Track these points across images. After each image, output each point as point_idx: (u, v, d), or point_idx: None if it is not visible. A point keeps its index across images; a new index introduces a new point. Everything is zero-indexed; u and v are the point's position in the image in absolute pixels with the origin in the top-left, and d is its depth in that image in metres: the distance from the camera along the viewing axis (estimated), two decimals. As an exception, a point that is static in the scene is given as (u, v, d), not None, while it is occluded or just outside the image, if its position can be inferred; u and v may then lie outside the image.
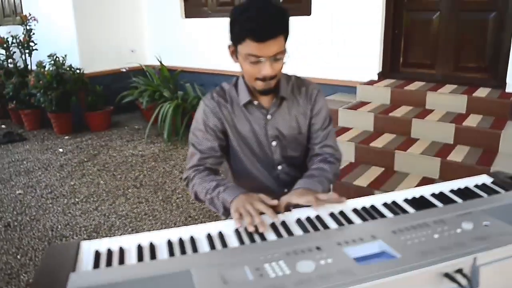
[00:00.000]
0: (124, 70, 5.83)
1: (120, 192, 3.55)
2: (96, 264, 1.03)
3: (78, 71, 5.28)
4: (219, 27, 5.24)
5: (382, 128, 3.60)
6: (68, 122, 5.33)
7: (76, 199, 3.43)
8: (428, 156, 3.08)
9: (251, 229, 1.15)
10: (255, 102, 1.56)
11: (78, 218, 3.12)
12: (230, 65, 1.66)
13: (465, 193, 1.39)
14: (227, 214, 1.39)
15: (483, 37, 3.77)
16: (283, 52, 1.44)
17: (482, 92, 3.59)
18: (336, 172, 1.61)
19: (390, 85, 3.97)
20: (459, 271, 0.97)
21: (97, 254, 1.06)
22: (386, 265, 0.95)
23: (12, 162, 4.35)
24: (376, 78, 4.24)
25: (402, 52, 4.23)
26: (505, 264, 1.02)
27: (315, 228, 1.18)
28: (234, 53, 1.47)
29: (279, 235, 1.15)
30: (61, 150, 4.70)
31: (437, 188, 1.43)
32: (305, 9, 4.57)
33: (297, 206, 1.32)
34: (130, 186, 3.66)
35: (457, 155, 3.07)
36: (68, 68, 5.22)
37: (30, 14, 5.56)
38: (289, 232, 1.16)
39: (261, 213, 1.22)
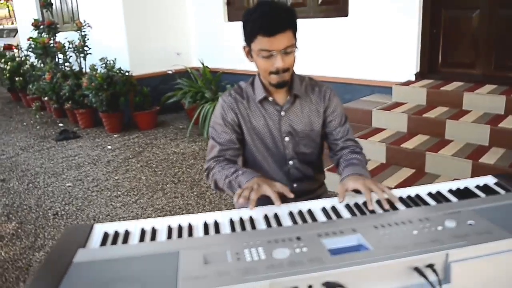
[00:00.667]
0: (170, 72, 6.09)
1: (159, 187, 3.76)
2: (103, 243, 1.18)
3: (127, 73, 5.60)
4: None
5: (416, 129, 3.57)
6: (118, 121, 5.66)
7: (118, 192, 3.68)
8: (460, 158, 3.04)
9: (235, 199, 1.28)
10: (270, 99, 1.66)
11: (118, 210, 3.36)
12: None
13: (463, 193, 1.41)
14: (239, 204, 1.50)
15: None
16: (293, 45, 1.53)
17: (522, 92, 3.48)
18: (366, 160, 1.70)
19: (427, 85, 3.92)
20: (430, 266, 1.03)
21: (106, 235, 1.22)
22: (356, 256, 1.02)
23: (65, 157, 4.71)
24: (413, 78, 4.20)
25: (441, 51, 4.15)
26: (478, 262, 1.05)
27: (304, 221, 1.27)
28: (249, 53, 1.59)
29: (268, 225, 1.25)
30: (109, 147, 5.01)
31: (436, 187, 1.47)
32: (343, 11, 4.60)
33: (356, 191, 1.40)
34: (169, 182, 3.86)
35: (490, 157, 3.01)
36: (118, 71, 5.54)
37: (85, 21, 5.95)
38: (279, 223, 1.26)
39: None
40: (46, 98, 6.47)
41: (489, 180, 1.51)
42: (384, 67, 4.34)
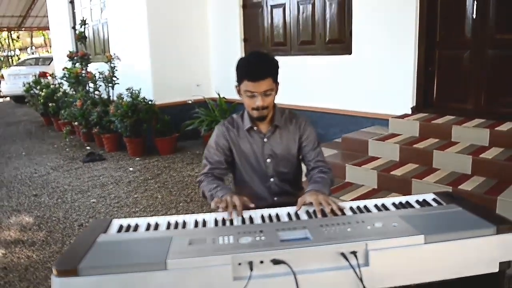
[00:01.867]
0: (189, 102, 6.60)
1: (173, 205, 4.18)
2: (119, 231, 1.59)
3: (150, 102, 6.12)
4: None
5: (407, 158, 3.90)
6: (140, 146, 6.15)
7: (136, 209, 4.10)
8: (441, 184, 3.34)
9: (212, 206, 1.71)
10: (255, 128, 2.08)
11: (135, 224, 3.78)
12: (280, 99, 2.18)
13: (403, 205, 1.77)
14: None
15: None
16: (272, 89, 1.96)
17: (506, 126, 3.78)
18: (332, 178, 2.09)
19: (420, 118, 4.26)
20: (353, 252, 1.39)
21: (121, 226, 1.63)
22: (298, 244, 1.40)
23: (91, 177, 5.19)
24: (410, 112, 4.55)
25: (436, 87, 4.51)
26: (391, 251, 1.41)
27: (271, 221, 1.65)
28: (238, 91, 2.01)
29: (243, 222, 1.64)
30: (131, 169, 5.48)
31: (382, 201, 1.82)
32: (347, 49, 5.02)
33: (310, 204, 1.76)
34: (182, 201, 4.27)
35: (469, 184, 3.31)
36: (142, 100, 6.07)
37: (114, 54, 6.55)
38: (252, 221, 1.65)
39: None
40: (76, 123, 7.05)
41: (429, 196, 1.86)
42: (383, 101, 4.71)
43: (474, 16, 4.11)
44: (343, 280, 1.37)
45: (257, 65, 1.91)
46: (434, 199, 1.82)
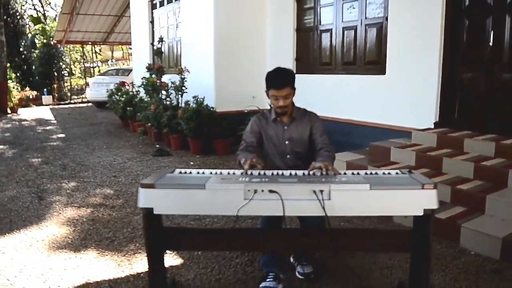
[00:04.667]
0: (245, 111, 7.52)
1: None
2: (179, 173, 2.49)
3: (211, 109, 7.15)
4: (319, 82, 6.67)
5: (421, 163, 4.54)
6: (200, 146, 7.16)
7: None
8: (444, 184, 3.96)
9: (247, 164, 2.50)
10: (278, 119, 2.93)
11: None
12: (324, 112, 3.02)
13: (372, 173, 2.52)
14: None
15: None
16: (290, 94, 2.81)
17: (510, 140, 4.32)
18: (334, 155, 2.83)
19: (439, 132, 4.88)
20: (321, 191, 2.18)
21: (180, 172, 2.53)
22: (287, 182, 2.22)
23: (158, 167, 6.25)
24: (432, 126, 5.17)
25: (457, 106, 5.10)
26: (346, 192, 2.19)
27: (277, 174, 2.48)
28: (267, 94, 2.87)
29: (259, 174, 2.48)
30: (192, 163, 6.49)
31: (369, 171, 2.55)
32: (382, 70, 5.74)
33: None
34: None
35: (467, 185, 3.90)
36: (205, 107, 7.11)
37: (185, 67, 7.69)
38: (264, 174, 2.48)
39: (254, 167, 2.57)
40: (149, 124, 8.24)
41: (393, 171, 2.59)
42: (411, 116, 5.36)
43: (491, 44, 4.70)
44: (313, 207, 2.16)
45: (280, 78, 2.79)
46: (396, 172, 2.55)
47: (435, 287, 2.80)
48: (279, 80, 2.78)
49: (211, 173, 2.51)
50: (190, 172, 2.53)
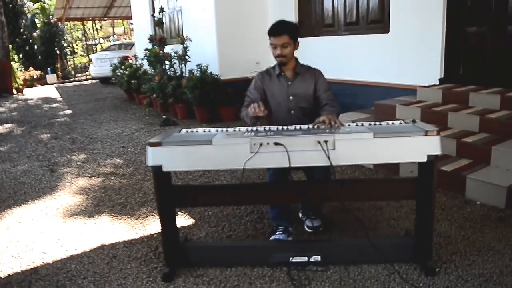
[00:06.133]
0: (250, 77, 7.50)
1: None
2: (186, 132, 2.54)
3: (216, 76, 7.15)
4: (323, 44, 6.61)
5: (427, 119, 4.52)
6: (206, 114, 7.20)
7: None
8: (449, 138, 3.98)
9: (252, 112, 2.54)
10: (283, 74, 2.93)
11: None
12: (328, 74, 3.02)
13: (375, 124, 2.55)
14: (252, 121, 2.77)
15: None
16: (288, 43, 2.81)
17: (517, 93, 4.30)
18: (338, 110, 2.85)
19: (444, 88, 4.86)
20: (325, 141, 2.22)
21: (187, 131, 2.57)
22: (292, 135, 2.26)
23: (166, 136, 6.31)
24: (437, 83, 5.14)
25: (462, 61, 5.05)
26: (350, 142, 2.22)
27: (282, 129, 2.51)
28: (269, 44, 2.87)
29: (264, 129, 2.51)
30: (198, 132, 6.53)
31: (373, 123, 2.58)
32: (385, 28, 5.68)
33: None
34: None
35: (473, 138, 3.91)
36: (209, 75, 7.11)
37: (187, 36, 7.64)
38: (269, 129, 2.51)
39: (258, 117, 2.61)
40: (154, 96, 8.26)
41: (397, 121, 2.61)
42: (415, 74, 5.33)
43: (497, -4, 4.62)
44: (318, 157, 2.21)
45: (277, 26, 2.80)
46: (399, 122, 2.58)
47: (442, 235, 2.86)
48: (277, 27, 2.80)
49: (217, 130, 2.54)
50: (197, 131, 2.58)
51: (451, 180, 3.56)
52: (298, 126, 2.53)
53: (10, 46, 16.19)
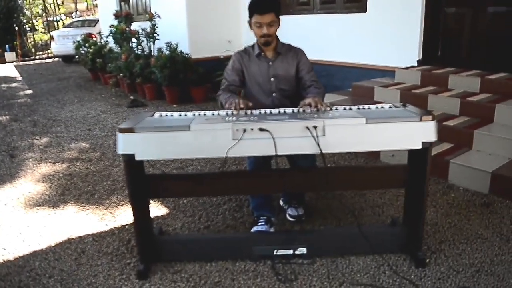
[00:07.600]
0: (221, 56, 7.23)
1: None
2: (159, 116, 2.30)
3: (186, 55, 6.83)
4: (297, 23, 6.39)
5: (407, 102, 4.41)
6: (177, 94, 6.89)
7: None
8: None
9: (232, 108, 2.33)
10: (262, 54, 2.71)
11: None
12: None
13: (364, 108, 2.39)
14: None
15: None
16: (274, 21, 2.58)
17: (497, 75, 4.24)
18: (324, 92, 2.66)
19: (423, 69, 4.76)
20: (314, 127, 2.04)
21: (160, 115, 2.34)
22: (278, 119, 2.07)
23: (134, 118, 6.00)
24: (416, 64, 5.04)
25: (440, 42, 4.97)
26: (341, 127, 2.05)
27: (265, 113, 2.32)
28: (250, 24, 2.64)
29: (246, 113, 2.31)
30: (169, 113, 6.25)
31: (361, 106, 2.42)
32: (362, 7, 5.51)
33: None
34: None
35: (454, 122, 3.84)
36: (179, 53, 6.78)
37: (155, 12, 7.26)
38: (251, 113, 2.32)
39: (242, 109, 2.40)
40: (121, 75, 7.86)
41: (386, 105, 2.46)
42: (393, 55, 5.21)
43: (476, -24, 4.52)
44: (307, 144, 2.03)
45: (263, 2, 2.54)
46: (389, 106, 2.43)
47: (428, 222, 2.76)
48: (263, 4, 2.55)
49: (194, 114, 2.33)
50: (172, 115, 2.35)
51: (434, 164, 3.46)
52: (282, 110, 2.34)
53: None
